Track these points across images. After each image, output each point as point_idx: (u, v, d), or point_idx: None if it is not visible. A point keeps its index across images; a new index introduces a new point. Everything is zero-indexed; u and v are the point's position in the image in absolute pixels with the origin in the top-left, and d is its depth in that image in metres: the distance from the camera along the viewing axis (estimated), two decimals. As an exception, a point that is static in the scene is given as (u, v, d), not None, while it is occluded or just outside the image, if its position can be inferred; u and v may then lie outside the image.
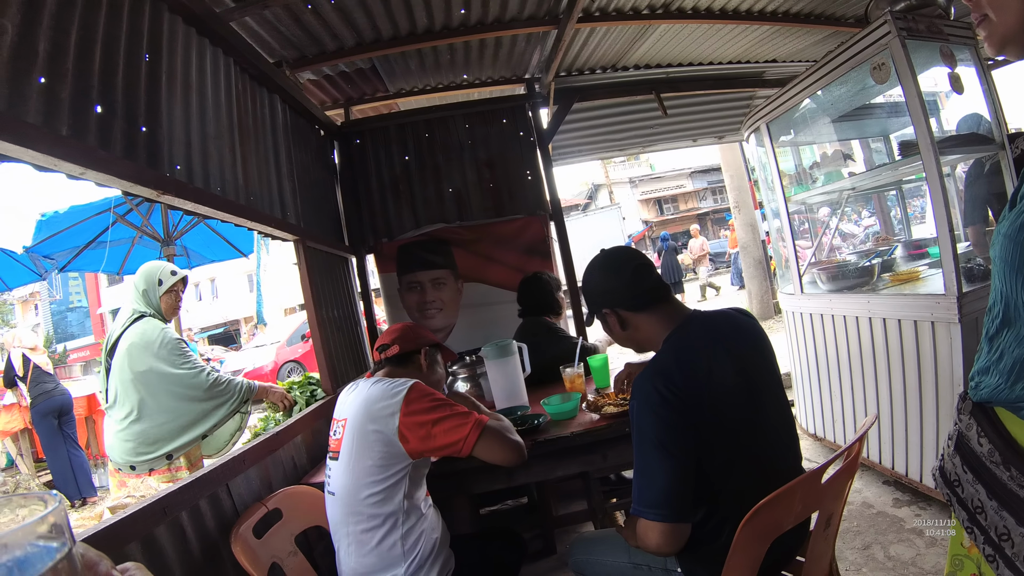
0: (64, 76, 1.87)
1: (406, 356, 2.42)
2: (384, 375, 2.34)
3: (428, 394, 2.13)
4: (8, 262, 8.05)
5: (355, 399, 2.19)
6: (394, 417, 2.06)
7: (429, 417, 2.05)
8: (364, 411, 2.11)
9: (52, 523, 0.44)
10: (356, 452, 2.08)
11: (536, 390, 3.19)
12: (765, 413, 1.69)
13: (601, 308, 1.85)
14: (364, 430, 2.08)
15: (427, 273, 4.89)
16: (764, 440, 1.67)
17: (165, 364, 3.40)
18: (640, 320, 1.80)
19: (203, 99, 2.78)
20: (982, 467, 1.14)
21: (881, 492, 3.66)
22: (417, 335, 2.48)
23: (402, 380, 2.18)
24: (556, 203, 5.01)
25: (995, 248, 1.17)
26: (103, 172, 1.97)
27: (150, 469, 3.42)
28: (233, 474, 2.40)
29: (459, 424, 2.06)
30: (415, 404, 2.08)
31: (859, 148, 5.62)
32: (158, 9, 2.49)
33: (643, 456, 1.58)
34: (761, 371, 1.73)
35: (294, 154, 3.85)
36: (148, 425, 3.41)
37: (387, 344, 2.42)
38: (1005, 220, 1.13)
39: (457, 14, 3.86)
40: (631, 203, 37.09)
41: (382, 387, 2.16)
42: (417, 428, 2.04)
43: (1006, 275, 1.11)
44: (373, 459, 2.06)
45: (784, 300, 4.91)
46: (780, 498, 1.42)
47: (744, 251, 10.44)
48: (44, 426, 6.97)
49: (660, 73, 5.48)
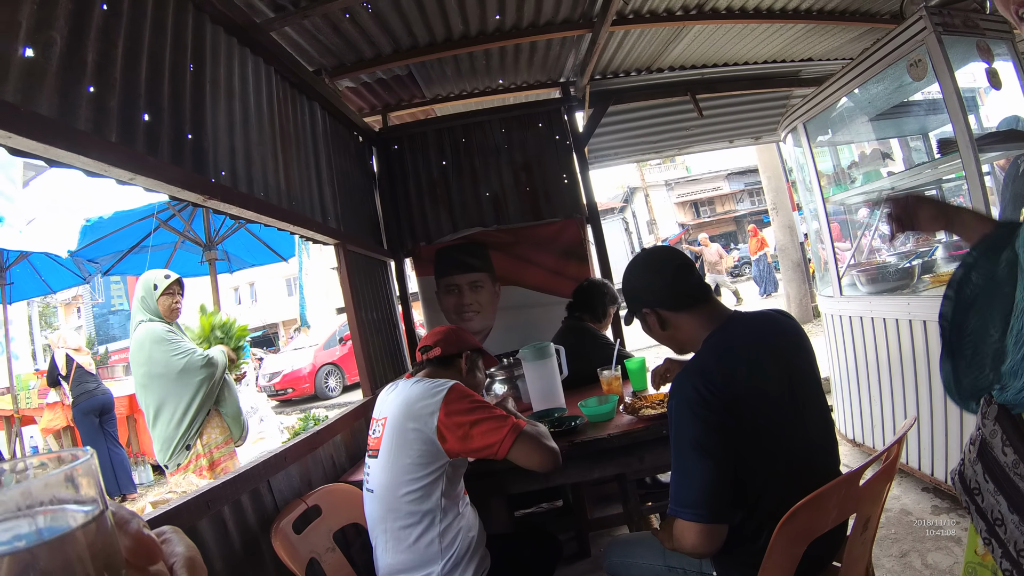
0: (112, 85, 1.94)
1: (448, 359, 2.45)
2: (425, 375, 2.36)
3: (468, 395, 2.15)
4: (53, 266, 8.32)
5: (395, 398, 2.22)
6: (433, 416, 2.08)
7: (468, 418, 2.08)
8: (404, 410, 2.14)
9: (81, 474, 0.42)
10: (395, 450, 2.11)
11: (573, 392, 3.19)
12: (805, 416, 1.67)
13: (641, 308, 1.84)
14: (404, 428, 2.11)
15: (465, 276, 4.93)
16: (804, 443, 1.65)
17: (158, 362, 3.71)
18: (680, 320, 1.79)
19: (246, 107, 2.86)
20: (1005, 478, 1.09)
21: (920, 499, 3.58)
22: (460, 339, 2.50)
23: (442, 380, 2.20)
24: (592, 206, 5.02)
25: (1021, 245, 1.14)
26: (152, 177, 2.04)
27: (177, 464, 3.71)
28: (274, 471, 2.46)
29: (496, 427, 2.08)
30: (455, 404, 2.10)
31: (898, 147, 5.53)
32: (201, 21, 2.57)
33: (681, 456, 1.58)
34: (802, 374, 1.72)
35: (334, 160, 3.93)
36: (163, 425, 3.72)
37: (430, 346, 2.45)
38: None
39: (492, 20, 3.92)
40: (667, 206, 36.79)
41: (423, 387, 2.19)
42: (455, 428, 2.07)
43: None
44: (412, 457, 2.09)
45: (823, 303, 4.84)
46: (817, 500, 1.41)
47: (782, 253, 10.32)
48: (85, 424, 7.14)
49: (695, 74, 5.48)
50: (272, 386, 14.49)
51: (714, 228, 35.90)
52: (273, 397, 14.37)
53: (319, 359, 14.95)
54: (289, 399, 14.52)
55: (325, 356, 15.01)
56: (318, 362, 14.87)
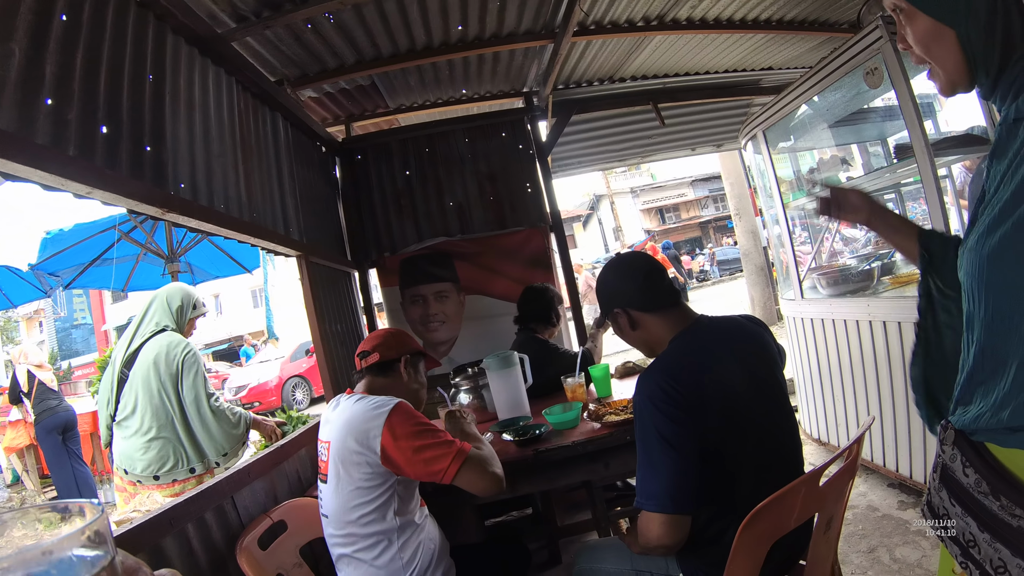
0: (71, 98, 1.91)
1: (387, 364, 2.37)
2: (364, 388, 2.31)
3: (412, 417, 2.08)
4: (13, 280, 8.18)
5: (337, 419, 2.15)
6: (376, 439, 2.01)
7: (411, 443, 2.01)
8: (347, 432, 2.06)
9: (96, 531, 0.45)
10: (342, 474, 2.05)
11: (539, 402, 3.19)
12: (769, 418, 1.72)
13: (613, 308, 1.90)
14: (347, 452, 2.04)
15: (430, 286, 4.92)
16: (767, 444, 1.69)
17: (183, 380, 3.51)
18: (649, 321, 1.84)
19: (206, 118, 2.82)
20: (971, 499, 1.10)
21: (886, 495, 3.65)
22: (399, 341, 2.44)
23: (384, 400, 2.12)
24: (556, 215, 5.05)
25: (962, 267, 1.15)
26: (110, 191, 2.00)
27: (173, 480, 3.50)
28: (238, 487, 2.43)
29: (442, 454, 2.01)
30: (399, 427, 2.03)
31: (858, 153, 5.64)
32: (162, 31, 2.54)
33: (646, 449, 1.61)
34: (766, 376, 1.77)
35: (296, 171, 3.90)
36: (173, 443, 3.51)
37: (368, 351, 2.37)
38: (970, 234, 1.11)
39: (455, 30, 3.92)
40: (633, 213, 37.11)
41: (364, 407, 2.11)
42: (399, 451, 2.00)
43: (976, 295, 1.09)
44: (359, 481, 2.03)
45: (785, 306, 4.92)
46: (779, 500, 1.43)
47: (746, 258, 10.46)
48: (49, 442, 6.96)
49: (657, 84, 5.55)
50: (238, 400, 14.27)
51: (680, 234, 36.31)
52: (239, 411, 14.09)
53: (286, 371, 14.80)
54: (256, 412, 14.25)
55: (292, 368, 14.86)
56: (285, 375, 14.71)
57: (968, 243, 1.11)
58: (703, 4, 4.06)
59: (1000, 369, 1.05)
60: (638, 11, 4.03)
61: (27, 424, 7.43)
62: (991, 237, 1.04)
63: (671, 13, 4.14)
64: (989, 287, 1.06)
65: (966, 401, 1.14)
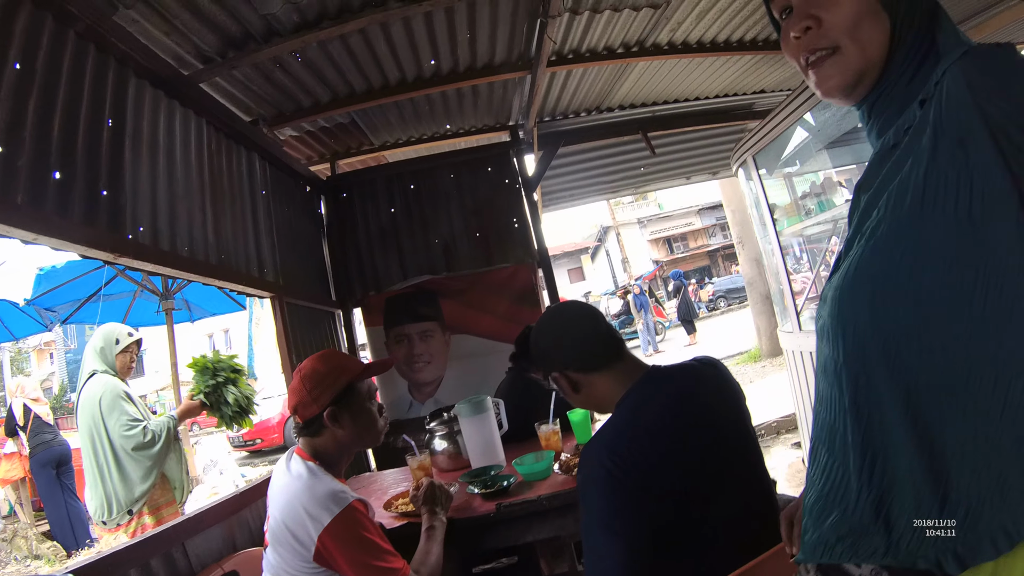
0: (21, 145, 1.89)
1: (312, 424, 2.06)
2: (309, 453, 2.06)
3: (357, 528, 1.85)
4: (14, 312, 8.32)
5: (280, 493, 1.95)
6: (312, 539, 1.82)
7: (354, 559, 1.82)
8: (286, 512, 1.88)
9: None
10: (280, 550, 1.88)
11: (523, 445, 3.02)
12: (734, 469, 1.55)
13: (551, 371, 1.72)
14: (283, 535, 1.86)
15: (415, 326, 4.80)
16: (736, 497, 1.52)
17: (106, 423, 3.63)
18: (593, 380, 1.66)
19: (171, 160, 2.78)
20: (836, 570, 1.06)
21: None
22: (318, 383, 2.05)
23: (325, 500, 1.87)
24: (544, 251, 4.93)
25: (823, 314, 1.06)
26: (56, 237, 1.97)
27: (117, 524, 3.59)
28: (190, 533, 2.32)
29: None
30: (340, 543, 1.82)
31: (857, 173, 5.53)
32: (123, 75, 2.50)
33: (590, 534, 1.46)
34: (727, 425, 1.60)
35: (274, 210, 3.83)
36: (108, 486, 3.61)
37: (292, 412, 2.10)
38: (833, 278, 1.04)
39: (427, 65, 3.85)
40: (641, 244, 37.12)
41: (309, 493, 1.89)
42: (335, 558, 1.82)
43: (841, 336, 1.00)
44: (295, 562, 1.85)
45: (783, 338, 4.78)
46: (753, 571, 1.32)
47: (751, 287, 10.35)
48: (43, 476, 6.97)
49: (646, 112, 5.45)
50: (240, 436, 14.14)
51: (688, 263, 36.23)
52: (241, 448, 14.06)
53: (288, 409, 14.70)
54: (259, 449, 14.16)
55: (295, 405, 14.75)
56: (287, 411, 14.59)
57: (833, 282, 1.04)
58: (683, 27, 3.96)
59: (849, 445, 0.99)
60: (615, 37, 3.94)
61: (22, 457, 7.47)
62: (851, 273, 0.98)
63: (651, 38, 4.05)
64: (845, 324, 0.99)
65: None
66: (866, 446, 0.96)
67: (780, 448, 5.64)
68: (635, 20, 3.75)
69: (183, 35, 2.90)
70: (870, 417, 0.95)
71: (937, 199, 0.87)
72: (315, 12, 3.04)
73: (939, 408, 0.88)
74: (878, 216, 0.95)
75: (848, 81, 1.06)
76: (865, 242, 0.96)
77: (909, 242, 0.90)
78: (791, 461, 5.15)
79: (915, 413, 0.90)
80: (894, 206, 0.93)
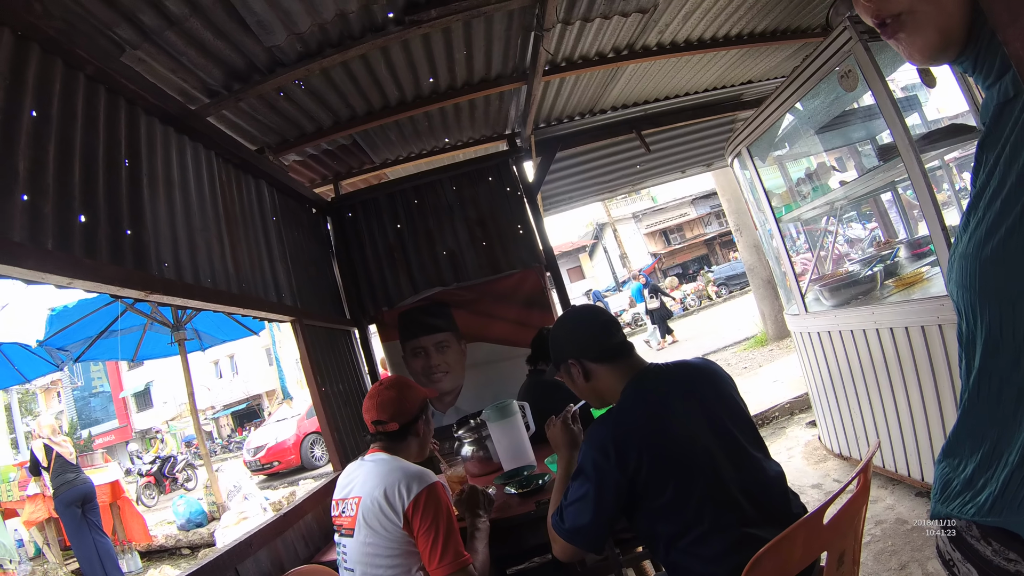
0: (45, 191, 1.93)
1: (406, 428, 2.31)
2: (387, 450, 2.27)
3: (437, 504, 2.06)
4: (24, 355, 8.33)
5: (368, 478, 2.15)
6: (402, 506, 2.03)
7: (429, 529, 2.02)
8: (378, 492, 2.07)
9: None
10: (370, 528, 2.05)
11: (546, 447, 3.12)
12: (729, 458, 1.69)
13: (567, 359, 1.91)
14: (376, 510, 2.04)
15: (430, 338, 4.90)
16: (732, 484, 1.66)
17: None
18: (602, 372, 1.86)
19: (187, 194, 2.85)
20: (966, 545, 1.03)
21: (914, 505, 3.52)
22: (410, 398, 2.35)
23: (417, 476, 2.10)
24: (550, 253, 5.04)
25: (952, 279, 0.99)
26: (89, 280, 2.02)
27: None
28: (241, 558, 2.41)
29: (443, 556, 2.00)
30: (421, 512, 2.03)
31: (849, 155, 5.59)
32: (134, 114, 2.57)
33: (579, 485, 1.70)
34: (723, 418, 1.76)
35: (285, 235, 3.91)
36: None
37: (383, 420, 2.30)
38: (963, 237, 0.96)
39: (426, 83, 3.95)
40: (637, 238, 37.08)
41: (400, 470, 2.12)
42: (415, 526, 2.03)
43: (974, 310, 0.96)
44: (386, 538, 2.04)
45: (790, 321, 4.84)
46: (777, 546, 1.38)
47: (751, 272, 10.39)
48: (68, 515, 7.00)
49: (638, 111, 5.56)
50: (257, 460, 14.20)
51: (686, 254, 36.22)
52: (259, 472, 14.10)
53: (303, 428, 14.67)
54: (276, 472, 14.20)
55: (309, 425, 14.72)
56: (302, 432, 14.58)
57: (959, 249, 0.97)
58: (671, 28, 4.07)
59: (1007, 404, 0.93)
60: (606, 43, 4.04)
61: (46, 498, 7.51)
62: (992, 238, 0.90)
63: (640, 41, 4.16)
64: (990, 297, 0.93)
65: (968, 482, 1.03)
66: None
67: (795, 428, 5.70)
68: (624, 25, 3.85)
69: (189, 71, 2.99)
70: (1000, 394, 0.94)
71: None
72: (317, 41, 3.14)
73: None
74: (1007, 177, 0.89)
75: (932, 41, 0.97)
76: (1000, 205, 0.89)
77: None
78: (807, 440, 5.21)
79: None
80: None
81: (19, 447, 13.61)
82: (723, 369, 1.94)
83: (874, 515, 3.50)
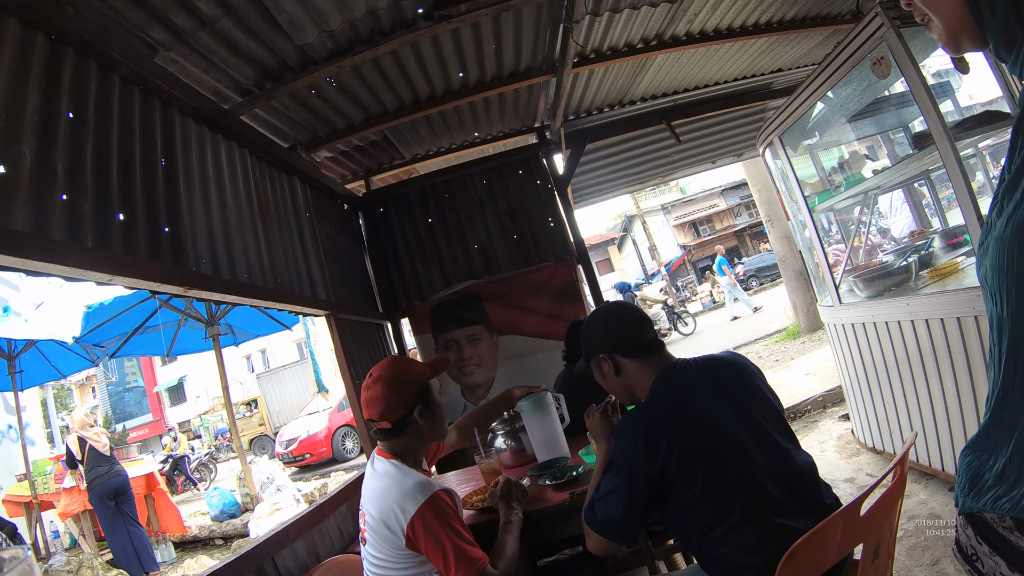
0: (84, 190, 1.98)
1: (400, 424, 2.14)
2: (389, 451, 2.17)
3: (437, 519, 1.96)
4: (60, 351, 8.49)
5: (371, 493, 2.09)
6: (401, 536, 1.95)
7: (436, 547, 1.93)
8: (376, 513, 2.02)
9: None
10: (379, 546, 2.03)
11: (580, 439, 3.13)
12: (759, 450, 1.69)
13: (599, 353, 1.93)
14: (380, 529, 2.00)
15: (462, 331, 4.93)
16: (763, 477, 1.66)
17: None
18: (633, 367, 1.89)
19: (222, 191, 2.90)
20: (996, 536, 1.02)
21: (948, 500, 3.46)
22: (401, 388, 2.13)
23: (411, 494, 1.98)
24: (581, 245, 5.03)
25: (985, 264, 0.98)
26: (129, 276, 2.07)
27: None
28: (278, 548, 2.46)
29: (456, 568, 1.93)
30: (423, 531, 1.94)
31: (882, 143, 5.50)
32: (169, 114, 2.62)
33: (611, 478, 1.72)
34: (752, 409, 1.77)
35: (318, 230, 3.97)
36: None
37: (374, 420, 2.14)
38: (997, 221, 0.95)
39: (456, 78, 3.98)
40: (666, 230, 36.86)
41: (397, 487, 2.02)
42: (420, 546, 1.96)
43: (1006, 293, 0.94)
44: (393, 554, 2.00)
45: (823, 312, 4.79)
46: (814, 537, 1.38)
47: (783, 264, 10.27)
48: (102, 508, 7.13)
49: (667, 102, 5.53)
50: (289, 453, 14.33)
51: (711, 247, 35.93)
52: (291, 464, 14.26)
53: (334, 421, 14.78)
54: (308, 464, 14.31)
55: (340, 418, 14.83)
56: (333, 425, 14.69)
57: (995, 232, 0.95)
58: (700, 17, 4.05)
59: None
60: (635, 34, 4.03)
61: (80, 491, 7.63)
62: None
63: (669, 31, 4.13)
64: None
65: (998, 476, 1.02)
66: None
67: (828, 422, 5.64)
68: (653, 15, 3.84)
69: (222, 71, 3.05)
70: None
71: None
72: (347, 38, 3.18)
73: None
74: None
75: (947, 43, 1.05)
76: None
77: None
78: (840, 433, 5.15)
79: None
80: None
81: (55, 441, 13.88)
82: (751, 362, 1.95)
83: (907, 509, 3.46)
